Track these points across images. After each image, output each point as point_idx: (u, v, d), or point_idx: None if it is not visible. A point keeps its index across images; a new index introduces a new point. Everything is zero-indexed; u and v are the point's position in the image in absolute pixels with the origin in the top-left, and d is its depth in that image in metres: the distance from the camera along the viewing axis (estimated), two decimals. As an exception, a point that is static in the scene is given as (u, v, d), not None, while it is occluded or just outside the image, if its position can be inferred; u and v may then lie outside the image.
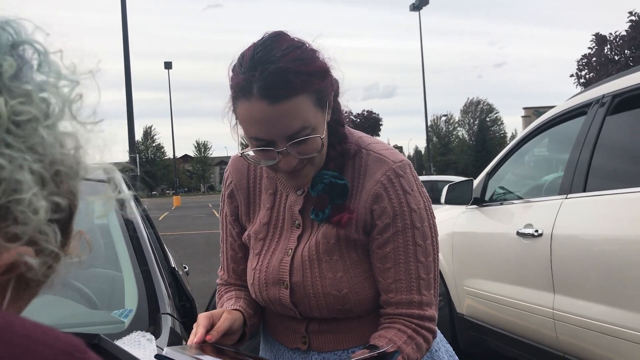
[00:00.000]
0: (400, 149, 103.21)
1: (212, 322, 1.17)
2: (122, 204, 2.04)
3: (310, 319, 1.28)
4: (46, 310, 1.60)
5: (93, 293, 1.75)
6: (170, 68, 53.91)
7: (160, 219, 25.66)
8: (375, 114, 75.72)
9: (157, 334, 1.42)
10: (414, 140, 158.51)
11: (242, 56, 1.14)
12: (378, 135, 76.84)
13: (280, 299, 1.27)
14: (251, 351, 1.39)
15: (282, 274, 1.26)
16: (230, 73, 1.15)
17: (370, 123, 72.60)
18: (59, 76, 0.51)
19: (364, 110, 75.46)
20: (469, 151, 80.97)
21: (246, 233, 1.35)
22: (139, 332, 1.39)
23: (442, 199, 4.05)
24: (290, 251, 1.27)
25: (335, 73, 1.20)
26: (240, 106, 1.13)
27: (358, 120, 71.75)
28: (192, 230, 18.24)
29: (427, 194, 1.27)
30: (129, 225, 1.81)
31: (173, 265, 2.52)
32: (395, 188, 1.21)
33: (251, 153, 1.20)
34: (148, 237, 1.83)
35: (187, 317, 1.93)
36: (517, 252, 3.28)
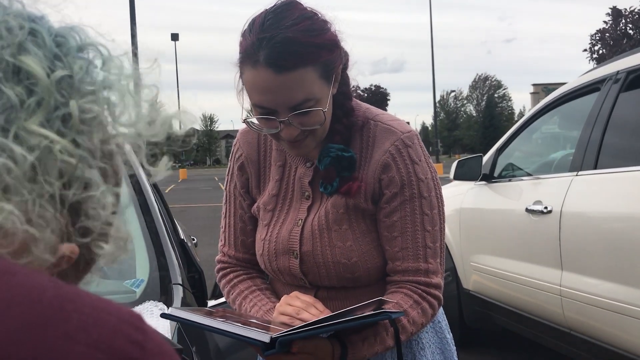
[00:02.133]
0: (407, 124, 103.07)
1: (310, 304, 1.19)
2: (132, 175, 2.03)
3: (318, 288, 1.29)
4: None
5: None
6: (177, 40, 53.65)
7: (167, 191, 25.78)
8: (382, 88, 75.29)
9: (168, 303, 1.43)
10: (421, 115, 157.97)
11: (253, 22, 1.13)
12: (385, 110, 76.47)
13: (289, 268, 1.28)
14: None
15: (292, 244, 1.27)
16: (240, 38, 1.14)
17: (378, 98, 72.22)
18: (120, 73, 0.53)
19: (371, 85, 75.10)
20: (476, 127, 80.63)
21: (255, 205, 1.35)
22: (152, 301, 1.40)
23: (451, 175, 4.04)
24: (300, 222, 1.28)
25: (345, 45, 1.19)
26: (246, 72, 1.13)
27: (365, 94, 71.39)
28: (199, 203, 18.33)
29: (433, 165, 1.27)
30: (139, 197, 1.82)
31: (182, 236, 2.54)
32: (403, 158, 1.22)
33: (255, 120, 1.20)
34: (159, 209, 1.84)
35: (196, 288, 1.95)
36: (525, 229, 3.28)
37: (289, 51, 1.08)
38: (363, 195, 1.23)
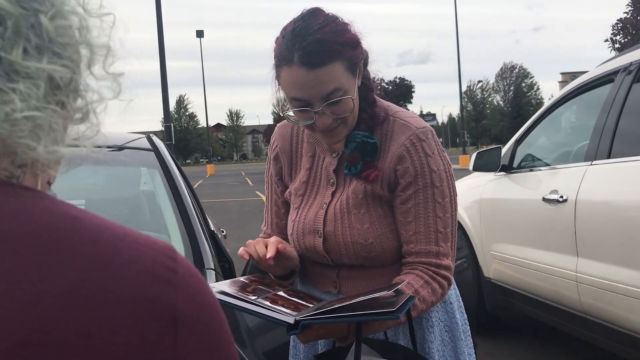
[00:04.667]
0: (433, 116, 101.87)
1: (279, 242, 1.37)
2: (166, 170, 2.22)
3: (340, 266, 1.45)
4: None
5: None
6: (202, 37, 54.04)
7: (195, 186, 26.14)
8: (407, 81, 74.78)
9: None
10: (447, 107, 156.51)
11: (284, 29, 1.30)
12: (410, 102, 76.08)
13: (315, 246, 1.44)
14: None
15: (317, 225, 1.43)
16: (274, 45, 1.31)
17: (403, 90, 71.85)
18: None
19: (396, 77, 74.66)
20: (503, 117, 79.66)
21: (288, 190, 1.53)
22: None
23: (470, 166, 4.14)
24: (324, 205, 1.44)
25: (365, 43, 1.36)
26: (282, 72, 1.29)
27: (390, 87, 71.11)
28: (227, 198, 18.60)
29: (447, 158, 1.41)
30: (173, 190, 1.98)
31: (212, 228, 2.71)
32: (417, 151, 1.36)
33: (292, 114, 1.36)
34: (191, 201, 2.00)
35: (226, 277, 2.10)
36: (542, 218, 3.37)
37: (318, 50, 1.25)
38: (380, 182, 1.38)
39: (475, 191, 4.27)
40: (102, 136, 0.61)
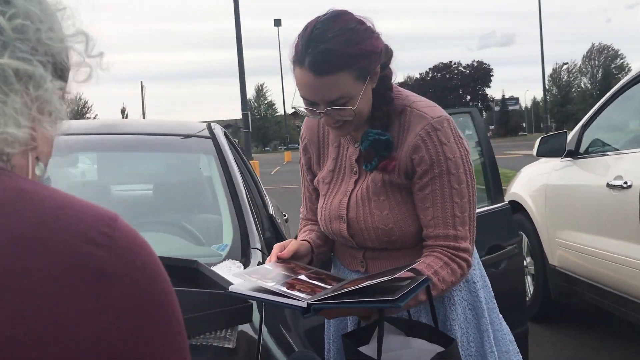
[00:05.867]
0: (516, 100, 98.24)
1: (283, 247, 1.47)
2: (221, 156, 2.38)
3: (366, 248, 1.53)
4: (164, 245, 1.96)
5: (200, 233, 2.09)
6: (280, 25, 54.73)
7: (272, 172, 26.73)
8: (485, 64, 72.61)
9: (246, 264, 1.71)
10: (531, 91, 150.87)
11: (305, 29, 1.37)
12: (488, 86, 73.70)
13: (340, 231, 1.53)
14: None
15: (341, 211, 1.52)
16: (297, 39, 1.38)
17: (480, 74, 69.80)
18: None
19: (473, 61, 72.65)
20: (590, 101, 75.83)
21: (316, 178, 1.63)
22: (231, 260, 1.69)
23: (534, 152, 4.06)
24: (348, 193, 1.53)
25: (389, 44, 1.42)
26: (295, 70, 1.38)
27: (467, 71, 69.22)
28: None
29: (466, 145, 1.45)
30: (226, 175, 2.12)
31: (271, 212, 2.84)
32: (432, 139, 1.41)
33: (302, 108, 1.45)
34: (243, 186, 2.13)
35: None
36: (606, 204, 3.29)
37: (327, 60, 1.32)
38: (397, 171, 1.45)
39: (541, 178, 4.20)
40: (173, 124, 0.73)
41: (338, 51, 1.32)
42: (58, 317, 0.53)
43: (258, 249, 1.83)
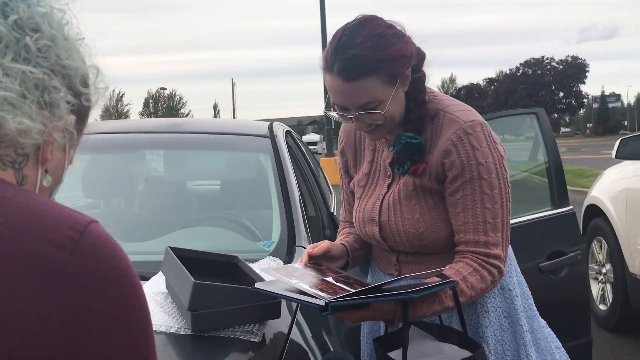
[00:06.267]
0: (617, 96, 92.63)
1: (316, 247, 1.49)
2: (277, 155, 2.45)
3: (399, 252, 1.54)
4: (216, 239, 2.05)
5: (257, 229, 2.17)
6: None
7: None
8: (581, 59, 68.83)
9: (289, 261, 1.76)
10: (634, 87, 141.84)
11: (334, 36, 1.40)
12: (583, 82, 69.79)
13: (373, 234, 1.54)
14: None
15: (373, 215, 1.53)
16: (327, 46, 1.41)
17: (574, 70, 66.31)
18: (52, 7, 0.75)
19: (567, 56, 69.09)
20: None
21: (352, 181, 1.65)
22: (271, 257, 1.75)
23: (613, 154, 3.86)
24: (380, 196, 1.54)
25: (422, 47, 1.43)
26: (326, 76, 1.41)
27: (560, 67, 65.98)
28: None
29: (501, 151, 1.42)
30: (280, 174, 2.18)
31: (332, 210, 2.89)
32: (463, 144, 1.40)
33: (334, 113, 1.48)
34: (296, 184, 2.18)
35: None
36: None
37: (355, 65, 1.34)
38: (428, 175, 1.44)
39: (622, 181, 3.99)
40: (235, 124, 0.81)
41: (365, 56, 1.34)
42: (16, 310, 0.59)
43: (303, 247, 1.88)
